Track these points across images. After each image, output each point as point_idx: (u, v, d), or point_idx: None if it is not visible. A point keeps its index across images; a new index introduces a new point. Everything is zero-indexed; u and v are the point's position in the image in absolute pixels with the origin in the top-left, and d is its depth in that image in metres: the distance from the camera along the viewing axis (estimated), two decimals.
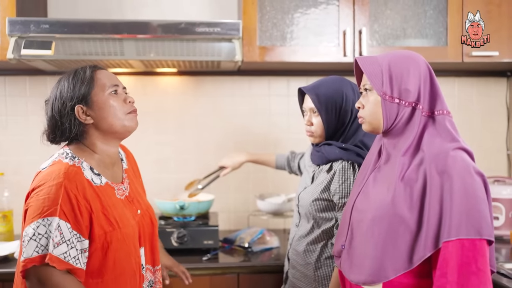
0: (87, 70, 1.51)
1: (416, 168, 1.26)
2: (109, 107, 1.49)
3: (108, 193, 1.48)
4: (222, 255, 2.23)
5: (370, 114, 1.35)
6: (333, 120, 1.77)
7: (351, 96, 1.77)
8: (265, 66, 2.50)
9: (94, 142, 1.51)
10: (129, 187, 1.60)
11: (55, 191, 1.36)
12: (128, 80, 2.63)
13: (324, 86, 1.79)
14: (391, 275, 1.24)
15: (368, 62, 1.35)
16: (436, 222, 1.20)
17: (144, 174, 2.60)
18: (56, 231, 1.33)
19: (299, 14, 2.33)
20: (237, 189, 2.67)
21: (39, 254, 1.32)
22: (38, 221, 1.33)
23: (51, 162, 1.45)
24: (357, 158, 1.72)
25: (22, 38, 2.12)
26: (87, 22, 2.13)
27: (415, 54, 1.37)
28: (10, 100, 2.58)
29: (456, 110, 2.76)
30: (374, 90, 1.33)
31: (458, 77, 2.77)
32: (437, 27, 2.37)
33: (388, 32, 2.37)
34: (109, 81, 1.52)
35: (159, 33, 2.15)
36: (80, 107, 1.47)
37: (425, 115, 1.31)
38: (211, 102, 2.67)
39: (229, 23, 2.16)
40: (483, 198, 1.22)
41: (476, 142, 2.77)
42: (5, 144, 2.57)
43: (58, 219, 1.33)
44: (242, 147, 2.62)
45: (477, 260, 1.17)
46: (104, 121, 1.49)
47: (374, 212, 1.30)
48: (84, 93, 1.48)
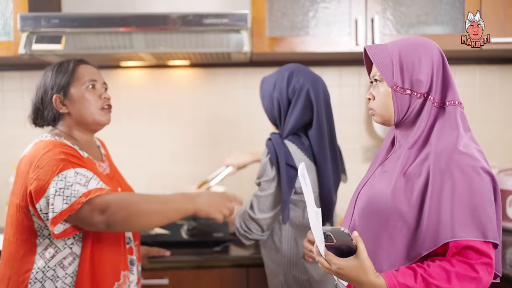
0: (71, 63, 1.65)
1: (421, 163, 1.21)
2: (84, 100, 1.62)
3: (92, 164, 1.61)
4: (232, 248, 2.22)
5: (381, 106, 1.30)
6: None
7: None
8: (276, 57, 2.46)
9: (70, 130, 1.64)
10: (109, 167, 1.71)
11: (53, 153, 1.48)
12: (140, 74, 2.64)
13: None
14: (385, 269, 1.20)
15: (377, 51, 1.29)
16: (436, 221, 1.15)
17: (156, 167, 2.64)
18: (78, 176, 1.46)
19: (309, 3, 2.29)
20: (250, 181, 2.64)
21: (69, 204, 1.42)
22: (54, 179, 1.44)
23: (32, 144, 1.58)
24: None
25: (33, 33, 2.15)
26: (96, 16, 2.15)
27: (427, 41, 1.30)
28: (27, 95, 2.62)
29: (478, 99, 2.68)
30: (384, 81, 1.28)
31: (479, 65, 2.67)
32: (453, 13, 2.29)
33: (402, 19, 2.30)
34: (88, 76, 1.64)
35: (167, 25, 2.14)
36: (58, 97, 1.61)
37: (437, 106, 1.25)
38: (223, 94, 2.65)
39: (237, 14, 2.13)
40: (489, 198, 1.16)
41: (498, 132, 2.68)
42: (22, 138, 2.62)
43: (72, 169, 1.46)
44: (255, 140, 2.60)
45: (478, 259, 1.13)
46: (77, 112, 1.62)
47: (374, 205, 1.26)
48: (63, 84, 1.61)
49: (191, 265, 2.09)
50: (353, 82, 2.66)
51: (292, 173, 1.73)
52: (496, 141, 2.68)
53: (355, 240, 1.16)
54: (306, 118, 1.77)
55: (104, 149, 1.81)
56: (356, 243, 1.15)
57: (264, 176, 1.78)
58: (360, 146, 2.67)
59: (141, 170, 2.62)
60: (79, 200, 1.42)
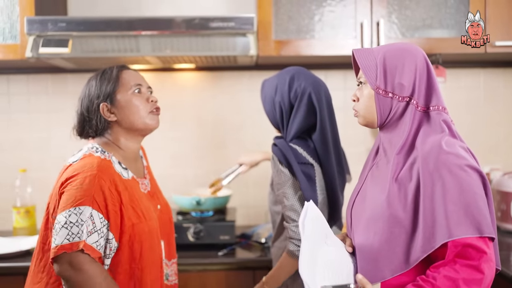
0: (114, 69, 1.61)
1: (410, 167, 1.23)
2: (132, 105, 1.57)
3: (135, 186, 1.56)
4: (238, 251, 2.23)
5: (364, 108, 1.32)
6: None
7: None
8: (282, 61, 2.47)
9: (118, 138, 1.59)
10: (150, 183, 1.68)
11: (89, 182, 1.43)
12: (146, 77, 2.59)
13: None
14: (388, 276, 1.21)
15: (363, 55, 1.32)
16: (431, 223, 1.17)
17: (161, 169, 2.64)
18: (89, 220, 1.40)
19: (315, 7, 2.30)
20: (256, 184, 2.66)
21: (70, 242, 1.38)
22: (70, 209, 1.40)
23: (82, 155, 1.53)
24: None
25: (40, 37, 2.16)
26: (103, 19, 2.16)
27: (412, 46, 1.32)
28: (33, 98, 2.63)
29: (482, 102, 2.68)
30: (368, 83, 1.30)
31: (483, 68, 2.68)
32: (458, 17, 2.30)
33: (407, 23, 2.31)
34: (134, 81, 1.61)
35: (173, 29, 2.15)
36: (105, 105, 1.56)
37: (421, 110, 1.27)
38: (229, 98, 2.66)
39: (243, 17, 2.14)
40: (480, 194, 1.18)
41: (503, 135, 2.68)
42: (28, 141, 2.63)
43: (90, 208, 1.41)
44: (260, 143, 2.61)
45: (480, 259, 1.14)
46: (127, 119, 1.57)
47: (369, 213, 1.27)
48: (109, 92, 1.57)
49: (198, 268, 2.10)
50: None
51: (307, 169, 1.72)
52: (500, 144, 2.68)
53: (361, 283, 1.17)
54: (310, 122, 1.77)
55: (145, 160, 1.77)
56: (363, 286, 1.17)
57: (282, 184, 1.73)
58: (365, 149, 2.67)
59: None
60: (65, 246, 1.38)
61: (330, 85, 1.84)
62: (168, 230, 1.68)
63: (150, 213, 1.56)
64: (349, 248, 1.31)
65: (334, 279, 1.19)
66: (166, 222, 1.68)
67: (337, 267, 1.24)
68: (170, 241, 1.68)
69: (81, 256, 1.39)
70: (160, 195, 1.74)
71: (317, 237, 1.22)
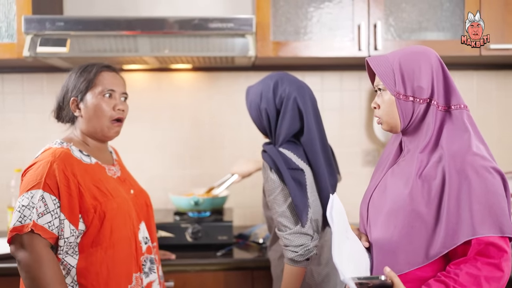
0: (94, 68, 1.65)
1: (435, 165, 1.26)
2: (96, 108, 1.62)
3: (99, 170, 1.62)
4: (236, 251, 2.23)
5: (386, 114, 1.35)
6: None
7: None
8: (279, 62, 2.48)
9: (84, 132, 1.66)
10: (120, 171, 1.72)
11: (42, 168, 1.50)
12: (143, 77, 2.65)
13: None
14: (405, 269, 1.24)
15: (379, 62, 1.35)
16: (455, 220, 1.20)
17: (158, 169, 2.65)
18: (40, 202, 1.46)
19: (313, 9, 2.31)
20: (253, 184, 2.67)
21: (22, 224, 1.44)
22: (24, 194, 1.48)
23: (43, 150, 1.60)
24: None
25: (38, 36, 2.15)
26: (101, 19, 2.15)
27: (425, 49, 1.35)
28: (28, 97, 2.61)
29: (475, 104, 2.72)
30: (387, 90, 1.33)
31: (476, 70, 2.72)
32: (453, 20, 2.33)
33: (404, 25, 2.33)
34: (108, 84, 1.64)
35: (172, 29, 2.15)
36: (75, 100, 1.63)
37: (442, 110, 1.30)
38: (225, 98, 2.67)
39: (242, 18, 2.15)
40: (503, 195, 1.22)
41: (496, 137, 2.72)
42: (23, 140, 2.61)
43: (41, 191, 1.46)
44: (256, 143, 2.61)
45: (501, 258, 1.18)
46: (89, 119, 1.63)
47: (390, 206, 1.30)
48: (82, 89, 1.63)
49: (196, 269, 2.10)
50: (354, 87, 2.69)
51: (297, 174, 1.73)
52: (494, 146, 2.70)
53: (389, 276, 1.19)
54: (296, 126, 1.78)
55: (116, 155, 1.82)
56: (391, 279, 1.18)
57: (272, 190, 1.73)
58: (361, 150, 2.69)
59: (143, 172, 2.61)
60: (16, 227, 1.45)
61: (327, 86, 1.86)
62: (145, 213, 1.74)
63: (118, 192, 1.61)
64: (366, 243, 1.34)
65: (354, 273, 1.20)
66: (142, 205, 1.73)
67: (357, 260, 1.26)
68: (150, 224, 1.74)
69: (32, 237, 1.44)
70: (133, 181, 1.79)
71: (342, 229, 1.25)
